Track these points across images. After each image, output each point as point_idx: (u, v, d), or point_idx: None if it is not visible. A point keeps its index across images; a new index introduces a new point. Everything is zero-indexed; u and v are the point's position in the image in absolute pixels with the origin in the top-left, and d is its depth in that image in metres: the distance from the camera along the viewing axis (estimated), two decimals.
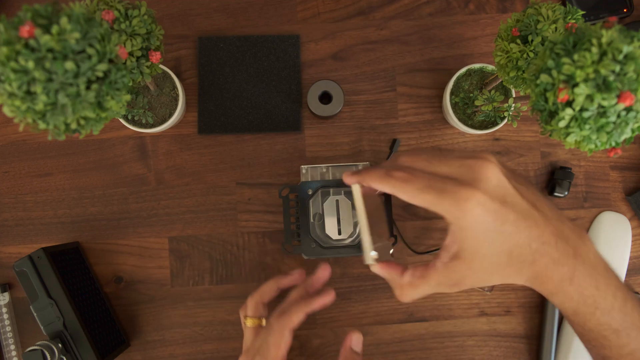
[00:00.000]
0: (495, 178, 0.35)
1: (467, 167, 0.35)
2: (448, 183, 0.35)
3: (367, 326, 0.68)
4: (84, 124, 0.38)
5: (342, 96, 0.64)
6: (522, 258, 0.35)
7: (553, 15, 0.48)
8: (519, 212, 0.34)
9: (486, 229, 0.34)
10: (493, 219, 0.34)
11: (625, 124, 0.37)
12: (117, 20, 0.47)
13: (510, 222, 0.34)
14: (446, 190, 0.34)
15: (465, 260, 0.35)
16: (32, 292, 0.58)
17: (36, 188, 0.67)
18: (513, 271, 0.35)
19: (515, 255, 0.35)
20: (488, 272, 0.35)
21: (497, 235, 0.34)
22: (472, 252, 0.35)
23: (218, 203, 0.68)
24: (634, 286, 0.69)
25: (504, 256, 0.35)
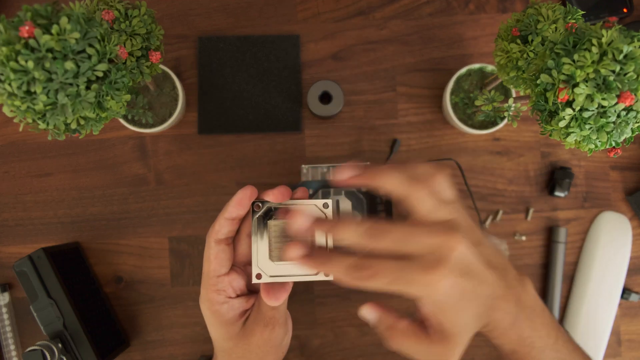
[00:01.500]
0: (460, 254, 0.36)
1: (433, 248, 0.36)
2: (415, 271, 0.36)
3: (367, 326, 0.68)
4: (84, 124, 0.38)
5: (342, 96, 0.64)
6: (482, 313, 0.39)
7: (553, 15, 0.48)
8: (478, 278, 0.37)
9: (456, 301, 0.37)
10: (460, 290, 0.37)
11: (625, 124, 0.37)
12: (117, 20, 0.47)
13: (469, 289, 0.37)
14: (413, 280, 0.36)
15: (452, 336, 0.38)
16: (32, 292, 0.58)
17: (36, 188, 0.67)
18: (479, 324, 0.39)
19: (479, 314, 0.38)
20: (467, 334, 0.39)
21: (465, 303, 0.37)
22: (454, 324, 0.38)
23: (218, 203, 0.68)
24: (633, 286, 0.69)
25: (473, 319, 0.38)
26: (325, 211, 0.42)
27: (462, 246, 0.36)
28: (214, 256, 0.41)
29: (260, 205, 0.42)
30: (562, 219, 0.69)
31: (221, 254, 0.41)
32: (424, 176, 0.40)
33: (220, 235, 0.41)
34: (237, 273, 0.43)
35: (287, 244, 0.40)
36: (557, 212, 0.69)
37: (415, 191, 0.38)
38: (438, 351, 0.38)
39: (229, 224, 0.41)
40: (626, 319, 0.69)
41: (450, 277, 0.36)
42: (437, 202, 0.38)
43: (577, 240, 0.69)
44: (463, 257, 0.36)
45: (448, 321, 0.38)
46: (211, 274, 0.42)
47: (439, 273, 0.35)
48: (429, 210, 0.38)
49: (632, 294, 0.68)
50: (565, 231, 0.68)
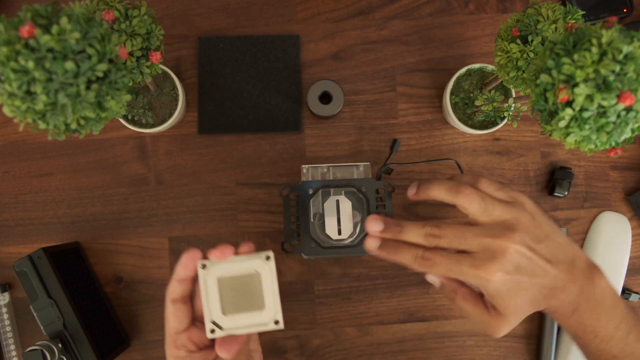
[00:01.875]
0: (511, 252, 0.42)
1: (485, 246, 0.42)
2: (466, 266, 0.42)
3: (367, 326, 0.68)
4: (84, 124, 0.38)
5: (342, 96, 0.64)
6: (539, 300, 0.44)
7: (553, 15, 0.48)
8: (530, 272, 0.42)
9: (506, 290, 0.42)
10: (510, 282, 0.42)
11: (625, 124, 0.37)
12: (117, 20, 0.47)
13: (525, 281, 0.42)
14: (465, 273, 0.43)
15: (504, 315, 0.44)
16: (32, 292, 0.58)
17: (36, 188, 0.67)
18: (535, 307, 0.44)
19: (534, 301, 0.44)
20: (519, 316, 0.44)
21: (519, 291, 0.43)
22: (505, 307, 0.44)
23: (218, 203, 0.68)
24: (633, 286, 0.69)
25: (527, 304, 0.44)
26: (269, 264, 0.45)
27: (515, 246, 0.41)
28: (171, 314, 0.45)
29: (205, 264, 0.45)
30: (562, 219, 0.69)
31: (178, 312, 0.45)
32: (468, 182, 0.46)
33: (175, 295, 0.45)
34: (197, 328, 0.46)
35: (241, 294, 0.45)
36: (557, 212, 0.69)
37: (463, 197, 0.44)
38: (490, 322, 0.45)
39: (181, 284, 0.45)
40: None
41: (500, 273, 0.41)
42: (487, 204, 0.44)
43: (577, 240, 0.69)
44: (515, 255, 0.42)
45: (499, 305, 0.44)
46: (171, 331, 0.45)
47: (488, 269, 0.41)
48: (478, 211, 0.44)
49: (632, 293, 0.68)
50: (565, 231, 0.68)
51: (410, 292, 0.68)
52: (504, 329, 0.44)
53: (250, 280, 0.45)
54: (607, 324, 0.44)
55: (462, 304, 0.46)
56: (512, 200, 0.45)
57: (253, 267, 0.45)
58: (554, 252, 0.43)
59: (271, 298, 0.45)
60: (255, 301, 0.45)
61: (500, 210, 0.43)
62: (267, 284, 0.45)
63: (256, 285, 0.45)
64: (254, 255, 0.45)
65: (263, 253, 0.45)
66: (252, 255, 0.45)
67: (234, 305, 0.45)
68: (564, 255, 0.44)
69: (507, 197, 0.45)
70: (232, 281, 0.45)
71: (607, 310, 0.44)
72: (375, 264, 0.68)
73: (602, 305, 0.44)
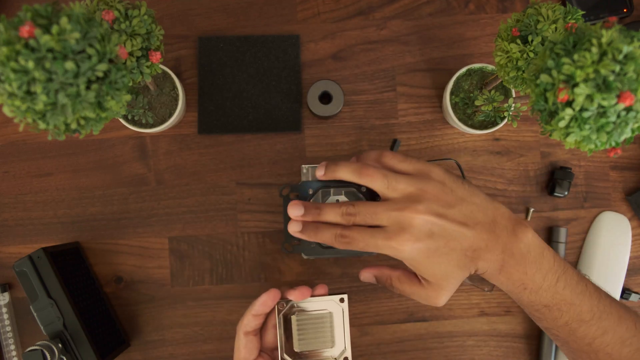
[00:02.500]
0: (419, 221, 0.44)
1: (394, 219, 0.45)
2: (380, 238, 0.45)
3: (367, 326, 0.68)
4: (84, 124, 0.38)
5: (342, 96, 0.64)
6: (465, 263, 0.45)
7: (553, 15, 0.48)
8: (447, 236, 0.44)
9: (425, 258, 0.45)
10: (426, 250, 0.44)
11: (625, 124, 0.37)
12: (117, 20, 0.47)
13: (442, 246, 0.44)
14: (380, 245, 0.45)
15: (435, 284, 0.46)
16: (32, 292, 0.58)
17: (36, 188, 0.67)
18: (465, 271, 0.46)
19: (461, 265, 0.45)
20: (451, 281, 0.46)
21: (439, 257, 0.44)
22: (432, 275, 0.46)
23: (218, 203, 0.68)
24: (633, 286, 0.69)
25: (454, 268, 0.45)
26: (342, 305, 0.50)
27: (420, 216, 0.44)
28: (243, 346, 0.49)
29: (284, 304, 0.49)
30: (562, 219, 0.69)
31: (249, 344, 0.49)
32: (370, 160, 0.49)
33: (248, 328, 0.49)
34: (263, 359, 0.50)
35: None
36: (557, 212, 0.69)
37: (365, 177, 0.46)
38: (428, 293, 0.47)
39: (255, 319, 0.49)
40: None
41: (410, 242, 0.44)
42: (389, 180, 0.46)
43: (577, 240, 0.69)
44: (423, 224, 0.44)
45: (425, 273, 0.46)
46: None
47: (398, 240, 0.44)
48: (383, 188, 0.46)
49: (632, 293, 0.68)
50: (565, 231, 0.68)
51: None
52: (441, 296, 0.47)
53: (323, 320, 0.50)
54: (534, 276, 0.45)
55: (398, 286, 0.49)
56: (417, 172, 0.47)
57: (327, 308, 0.50)
58: (469, 214, 0.45)
59: (342, 337, 0.49)
60: (327, 339, 0.49)
61: (404, 183, 0.46)
62: (339, 323, 0.49)
63: (328, 324, 0.50)
64: (329, 297, 0.50)
65: (337, 296, 0.50)
66: (327, 297, 0.50)
67: (306, 341, 0.49)
68: (484, 215, 0.45)
69: (412, 169, 0.47)
70: (307, 320, 0.49)
71: (533, 262, 0.45)
72: (375, 264, 0.68)
73: (528, 258, 0.45)
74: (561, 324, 0.47)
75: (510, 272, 0.46)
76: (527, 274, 0.45)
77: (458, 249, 0.44)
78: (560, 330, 0.48)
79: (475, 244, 0.45)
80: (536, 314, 0.48)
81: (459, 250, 0.45)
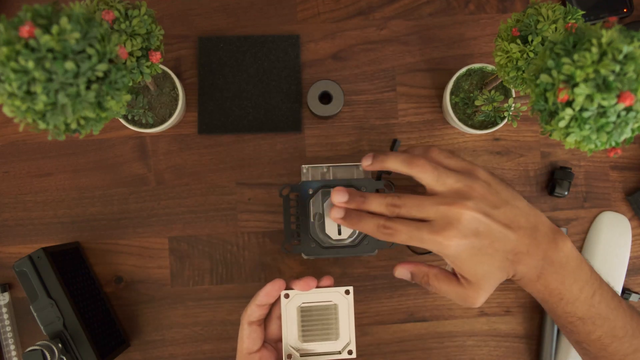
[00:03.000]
0: (467, 218, 0.43)
1: (442, 214, 0.44)
2: (425, 232, 0.44)
3: (367, 326, 0.68)
4: (84, 124, 0.38)
5: (342, 96, 0.64)
6: (506, 266, 0.45)
7: (553, 15, 0.48)
8: (492, 236, 0.44)
9: (469, 256, 0.44)
10: (471, 248, 0.44)
11: (625, 124, 0.37)
12: (117, 20, 0.47)
13: (487, 245, 0.44)
14: (425, 239, 0.44)
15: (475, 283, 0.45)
16: (32, 292, 0.58)
17: (36, 188, 0.67)
18: (504, 274, 0.46)
19: (502, 267, 0.45)
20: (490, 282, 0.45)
21: (482, 257, 0.44)
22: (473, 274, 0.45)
23: (218, 203, 0.68)
24: (633, 286, 0.69)
25: (495, 269, 0.45)
26: (347, 297, 0.50)
27: (469, 212, 0.43)
28: (246, 336, 0.48)
29: (288, 294, 0.49)
30: (562, 219, 0.69)
31: (253, 334, 0.48)
32: (420, 153, 0.49)
33: (252, 318, 0.48)
34: (267, 350, 0.50)
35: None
36: (557, 212, 0.69)
37: (416, 167, 0.46)
38: (466, 293, 0.46)
39: (260, 309, 0.48)
40: None
41: (457, 239, 0.43)
42: (439, 173, 0.45)
43: (577, 240, 0.69)
44: (471, 221, 0.43)
45: (466, 272, 0.45)
46: (244, 352, 0.49)
47: (445, 235, 0.43)
48: (433, 180, 0.45)
49: (632, 294, 0.68)
50: (565, 231, 0.68)
51: (410, 292, 0.68)
52: (479, 297, 0.46)
53: (328, 311, 0.49)
54: (572, 287, 0.45)
55: (436, 284, 0.48)
56: (464, 170, 0.47)
57: (332, 299, 0.49)
58: (513, 218, 0.45)
59: (347, 329, 0.49)
60: (331, 331, 0.49)
61: (453, 178, 0.45)
62: (344, 315, 0.49)
63: (333, 316, 0.49)
64: (334, 289, 0.50)
65: (343, 288, 0.50)
66: (332, 289, 0.49)
67: (311, 333, 0.49)
68: (526, 220, 0.45)
69: (459, 166, 0.47)
70: (311, 311, 0.49)
71: (571, 273, 0.45)
72: (375, 264, 0.68)
73: (566, 269, 0.45)
74: (594, 338, 0.46)
75: (548, 280, 0.45)
76: (565, 284, 0.45)
77: (501, 250, 0.44)
78: (591, 345, 0.47)
79: (517, 248, 0.44)
80: (569, 327, 0.47)
81: (502, 251, 0.44)
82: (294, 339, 0.49)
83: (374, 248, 0.59)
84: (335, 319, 0.49)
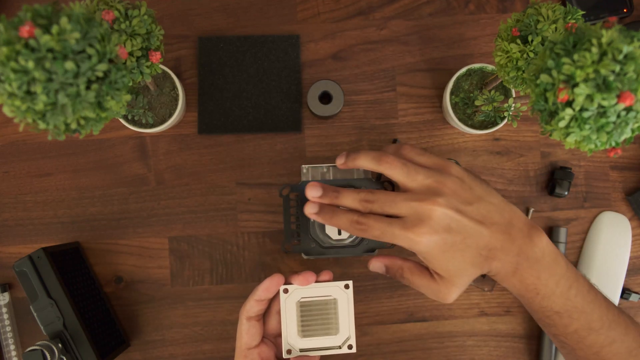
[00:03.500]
0: (438, 214, 0.43)
1: (414, 210, 0.44)
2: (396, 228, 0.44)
3: (367, 326, 0.68)
4: (84, 124, 0.38)
5: (342, 96, 0.64)
6: (479, 262, 0.45)
7: (553, 15, 0.48)
8: (464, 232, 0.44)
9: (440, 252, 0.44)
10: (442, 244, 0.44)
11: (625, 124, 0.37)
12: (117, 20, 0.47)
13: (459, 242, 0.44)
14: (396, 235, 0.44)
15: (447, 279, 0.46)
16: (32, 292, 0.58)
17: (36, 188, 0.67)
18: (477, 270, 0.45)
19: (475, 263, 0.45)
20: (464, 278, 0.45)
21: (454, 253, 0.44)
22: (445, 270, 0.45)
23: (218, 203, 0.68)
24: (633, 286, 0.69)
25: (468, 265, 0.45)
26: (347, 292, 0.49)
27: (440, 209, 0.43)
28: (245, 331, 0.48)
29: (287, 289, 0.48)
30: (562, 219, 0.69)
31: (252, 329, 0.48)
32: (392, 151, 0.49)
33: (251, 313, 0.48)
34: (266, 345, 0.49)
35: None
36: (557, 212, 0.69)
37: (385, 164, 0.46)
38: (439, 288, 0.46)
39: (258, 304, 0.48)
40: None
41: (428, 235, 0.43)
42: (409, 169, 0.45)
43: (577, 240, 0.69)
44: (442, 217, 0.43)
45: (438, 267, 0.45)
46: (243, 347, 0.48)
47: (416, 231, 0.43)
48: (402, 176, 0.46)
49: (632, 294, 0.68)
50: (565, 231, 0.68)
51: (410, 292, 0.68)
52: (451, 292, 0.46)
53: (327, 306, 0.49)
54: (548, 281, 0.45)
55: (410, 277, 0.48)
56: (436, 166, 0.47)
57: (331, 294, 0.49)
58: (486, 214, 0.45)
59: (346, 323, 0.48)
60: (331, 325, 0.48)
61: (423, 175, 0.45)
62: (344, 310, 0.48)
63: (333, 311, 0.49)
64: (333, 283, 0.48)
65: (342, 282, 0.48)
66: (331, 283, 0.48)
67: (310, 328, 0.48)
68: (500, 216, 0.45)
69: (431, 162, 0.47)
70: (311, 305, 0.49)
71: (547, 267, 0.45)
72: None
73: (542, 263, 0.45)
74: (570, 331, 0.47)
75: (524, 276, 0.45)
76: (541, 279, 0.45)
77: (474, 246, 0.44)
78: (568, 338, 0.47)
79: (491, 244, 0.44)
80: (546, 320, 0.48)
81: (474, 247, 0.44)
82: (294, 334, 0.48)
83: (374, 248, 0.59)
84: (335, 314, 0.49)
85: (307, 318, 0.48)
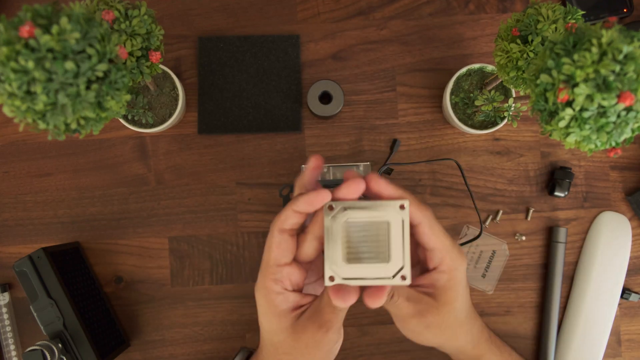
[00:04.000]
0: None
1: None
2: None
3: (367, 326, 0.68)
4: (84, 124, 0.38)
5: (342, 96, 0.64)
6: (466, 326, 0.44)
7: (553, 15, 0.48)
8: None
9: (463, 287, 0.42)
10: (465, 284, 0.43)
11: (625, 124, 0.37)
12: (117, 20, 0.47)
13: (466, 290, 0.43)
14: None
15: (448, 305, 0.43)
16: (32, 292, 0.58)
17: (36, 188, 0.67)
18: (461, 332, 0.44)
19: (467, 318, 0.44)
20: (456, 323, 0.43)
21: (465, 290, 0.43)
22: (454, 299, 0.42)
23: (218, 203, 0.68)
24: (633, 286, 0.69)
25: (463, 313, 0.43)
26: (402, 213, 0.41)
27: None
28: (276, 245, 0.40)
29: (333, 206, 0.40)
30: (562, 219, 0.69)
31: (284, 243, 0.41)
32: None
33: (286, 225, 0.40)
34: (297, 268, 0.42)
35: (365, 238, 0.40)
36: (557, 212, 0.69)
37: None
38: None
39: (296, 216, 0.40)
40: (626, 319, 0.69)
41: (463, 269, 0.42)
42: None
43: (577, 240, 0.69)
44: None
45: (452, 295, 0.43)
46: (271, 262, 0.41)
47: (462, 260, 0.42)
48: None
49: (632, 293, 0.68)
50: (565, 231, 0.68)
51: None
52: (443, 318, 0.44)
53: (378, 230, 0.41)
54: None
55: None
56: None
57: (384, 216, 0.41)
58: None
59: (400, 251, 0.41)
60: (382, 252, 0.41)
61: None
62: (397, 234, 0.41)
63: (384, 235, 0.41)
64: (386, 203, 0.41)
65: (397, 202, 0.41)
66: (385, 202, 0.41)
67: (357, 253, 0.41)
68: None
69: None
70: (359, 228, 0.41)
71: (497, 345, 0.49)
72: None
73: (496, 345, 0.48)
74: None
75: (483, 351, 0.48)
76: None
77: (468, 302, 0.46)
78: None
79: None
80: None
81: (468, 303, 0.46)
82: (338, 259, 0.41)
83: None
84: (387, 238, 0.41)
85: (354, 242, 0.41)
